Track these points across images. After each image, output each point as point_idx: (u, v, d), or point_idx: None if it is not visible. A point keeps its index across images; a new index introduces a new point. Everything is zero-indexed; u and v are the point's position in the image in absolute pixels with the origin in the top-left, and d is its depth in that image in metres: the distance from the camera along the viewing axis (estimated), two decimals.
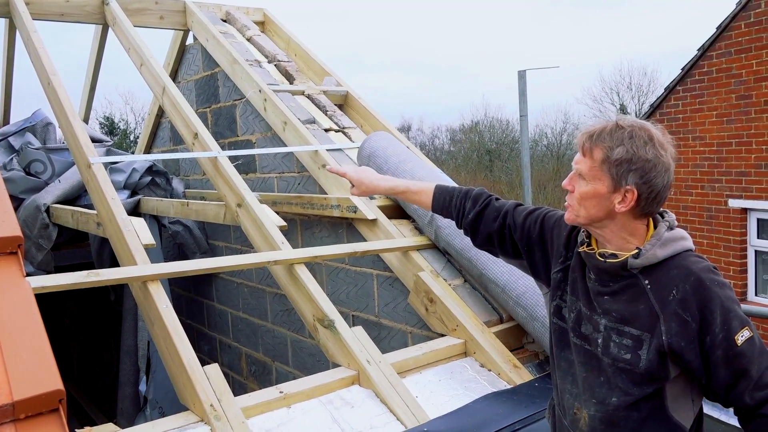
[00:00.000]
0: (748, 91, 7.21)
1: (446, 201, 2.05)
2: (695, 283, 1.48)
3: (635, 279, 1.54)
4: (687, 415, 1.57)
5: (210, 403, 1.94)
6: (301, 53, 4.54)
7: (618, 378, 1.55)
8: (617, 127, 1.51)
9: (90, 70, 5.20)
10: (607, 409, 1.58)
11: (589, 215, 1.55)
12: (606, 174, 1.50)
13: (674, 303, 1.48)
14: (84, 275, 2.15)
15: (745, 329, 1.45)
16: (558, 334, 1.72)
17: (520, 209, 1.90)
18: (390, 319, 3.11)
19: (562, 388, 1.71)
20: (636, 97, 27.04)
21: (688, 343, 1.46)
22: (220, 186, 3.29)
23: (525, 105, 8.93)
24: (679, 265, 1.51)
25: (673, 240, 1.54)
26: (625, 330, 1.54)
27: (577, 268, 1.67)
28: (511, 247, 1.90)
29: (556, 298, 1.73)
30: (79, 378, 7.58)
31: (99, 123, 27.02)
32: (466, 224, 1.99)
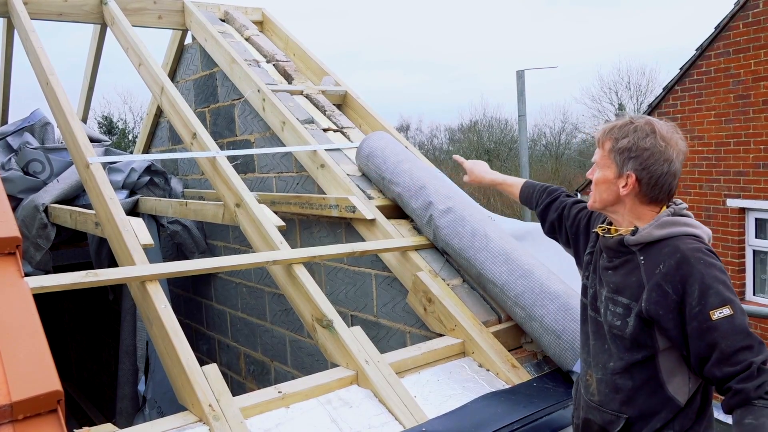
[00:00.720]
0: (747, 90, 7.22)
1: (530, 193, 2.38)
2: (680, 260, 1.62)
3: (633, 255, 1.72)
4: (682, 390, 1.69)
5: (208, 403, 1.94)
6: (299, 53, 4.54)
7: (613, 344, 1.75)
8: (627, 123, 1.73)
9: (88, 69, 5.19)
10: (606, 373, 1.77)
11: (602, 199, 1.78)
12: (612, 162, 1.73)
13: (659, 275, 1.63)
14: (82, 275, 2.15)
15: (724, 307, 1.56)
16: (582, 311, 1.94)
17: (578, 204, 2.16)
18: (388, 319, 3.11)
19: (582, 358, 1.92)
20: (635, 97, 27.10)
21: (666, 312, 1.61)
22: (218, 186, 3.29)
23: (523, 105, 8.94)
24: (672, 244, 1.66)
25: (672, 224, 1.69)
26: (618, 299, 1.73)
27: (598, 250, 1.87)
28: (565, 235, 2.14)
29: (584, 278, 1.94)
30: (77, 378, 7.58)
31: (97, 122, 27.00)
32: (539, 212, 2.29)
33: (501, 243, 2.72)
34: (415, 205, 3.00)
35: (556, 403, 2.28)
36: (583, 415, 1.87)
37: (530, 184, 2.42)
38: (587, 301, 1.89)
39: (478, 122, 31.34)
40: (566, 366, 2.41)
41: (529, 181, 2.45)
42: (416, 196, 3.01)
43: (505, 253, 2.67)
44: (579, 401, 1.92)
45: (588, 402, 1.84)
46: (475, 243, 2.73)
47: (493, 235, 2.76)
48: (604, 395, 1.77)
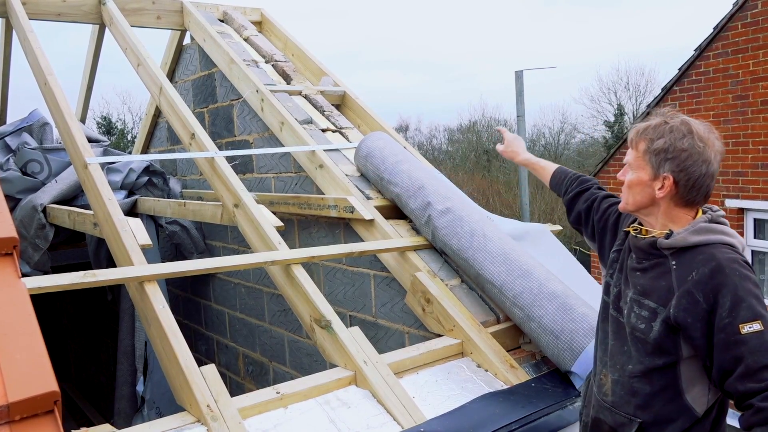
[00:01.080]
0: (745, 91, 7.22)
1: (561, 179, 2.36)
2: (715, 268, 1.57)
3: (665, 259, 1.68)
4: (700, 401, 1.66)
5: (207, 403, 1.94)
6: (298, 53, 4.54)
7: (633, 346, 1.71)
8: (662, 123, 1.68)
9: (87, 70, 5.19)
10: (623, 375, 1.73)
11: (636, 202, 1.73)
12: (648, 163, 1.68)
13: (690, 282, 1.59)
14: (80, 276, 2.14)
15: (755, 322, 1.51)
16: (602, 309, 1.90)
17: (608, 198, 2.12)
18: (387, 320, 3.11)
19: (596, 357, 1.89)
20: (633, 97, 27.10)
21: (694, 320, 1.56)
22: (217, 186, 3.28)
23: (522, 105, 8.95)
24: (707, 252, 1.62)
25: (709, 230, 1.65)
26: (644, 302, 1.68)
27: (627, 249, 1.84)
28: (591, 228, 2.10)
29: (607, 275, 1.90)
30: (76, 378, 7.57)
31: (96, 123, 26.98)
32: (567, 200, 2.26)
33: (499, 243, 2.72)
34: (414, 206, 3.00)
35: (554, 403, 2.28)
36: (593, 413, 1.84)
37: (562, 171, 2.40)
38: (609, 299, 1.85)
39: (477, 122, 31.36)
40: (564, 366, 2.41)
41: (562, 168, 2.43)
42: (415, 196, 3.01)
43: (504, 254, 2.67)
44: (589, 399, 1.89)
45: (600, 401, 1.81)
46: (474, 243, 2.72)
47: (492, 236, 2.76)
48: (619, 397, 1.74)
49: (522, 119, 9.00)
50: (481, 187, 24.58)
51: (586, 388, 1.97)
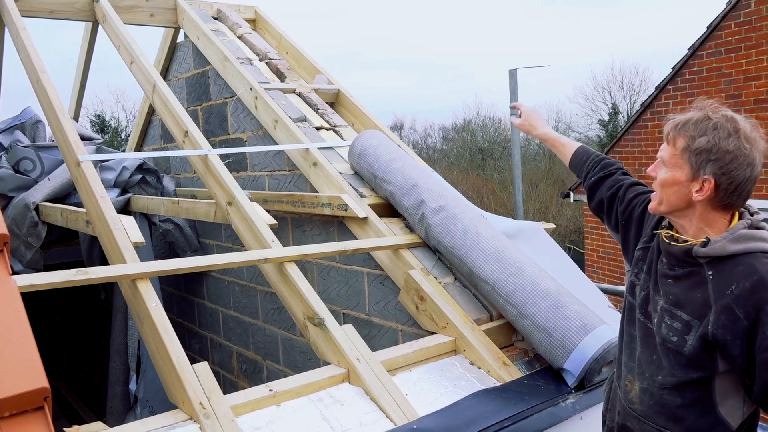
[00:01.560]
0: (738, 90, 7.26)
1: (582, 160, 2.19)
2: (757, 283, 1.47)
3: (700, 268, 1.56)
4: (735, 414, 1.58)
5: (199, 401, 1.94)
6: (292, 51, 4.53)
7: (666, 358, 1.61)
8: (704, 118, 1.54)
9: (80, 67, 5.17)
10: (654, 386, 1.64)
11: (669, 202, 1.60)
12: (686, 162, 1.54)
13: (730, 297, 1.48)
14: (72, 273, 2.14)
15: None
16: (628, 310, 1.79)
17: (635, 187, 1.97)
18: (380, 317, 3.11)
19: (622, 361, 1.79)
20: (628, 96, 27.18)
21: (734, 338, 1.47)
22: (210, 184, 3.28)
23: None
24: (747, 263, 1.50)
25: (748, 238, 1.53)
26: (677, 314, 1.58)
27: (655, 249, 1.72)
28: (615, 218, 1.97)
29: (632, 275, 1.80)
30: (69, 376, 7.55)
31: (90, 121, 26.90)
32: (588, 185, 2.10)
33: (493, 241, 2.73)
34: (407, 204, 3.00)
35: (546, 400, 2.28)
36: (620, 420, 1.76)
37: (584, 151, 2.23)
38: (635, 301, 1.75)
39: (471, 121, 31.38)
40: (557, 364, 2.42)
41: (584, 147, 2.25)
42: (408, 194, 3.01)
43: (497, 251, 2.67)
44: (614, 403, 1.81)
45: (627, 409, 1.73)
46: (467, 241, 2.73)
47: (485, 234, 2.76)
48: (648, 407, 1.66)
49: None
50: (476, 185, 24.62)
51: (609, 389, 1.89)
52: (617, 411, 1.78)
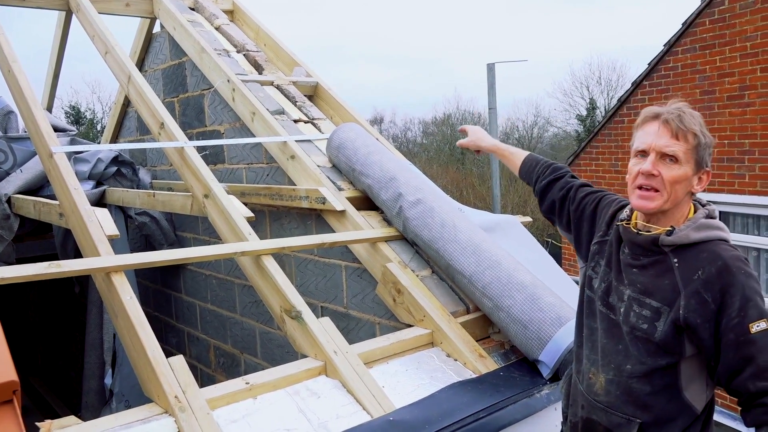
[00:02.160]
0: (712, 86, 7.37)
1: (531, 166, 2.26)
2: (722, 268, 1.54)
3: (665, 256, 1.62)
4: (699, 398, 1.64)
5: (174, 394, 1.93)
6: (270, 43, 4.50)
7: (634, 346, 1.64)
8: (688, 112, 1.61)
9: (53, 57, 5.08)
10: (621, 375, 1.67)
11: (677, 198, 1.61)
12: (693, 157, 1.59)
13: (698, 282, 1.55)
14: (45, 266, 2.11)
15: (762, 321, 1.50)
16: (586, 304, 1.82)
17: (584, 187, 2.05)
18: (358, 310, 3.11)
19: (582, 355, 1.81)
20: (605, 92, 27.44)
21: (703, 321, 1.53)
22: (186, 176, 3.25)
23: (494, 98, 9.00)
24: (710, 249, 1.58)
25: (708, 227, 1.62)
26: (646, 301, 1.62)
27: (614, 242, 1.76)
28: (567, 218, 2.04)
29: (589, 269, 1.84)
30: (43, 372, 7.44)
31: (64, 112, 26.44)
32: (539, 188, 2.17)
33: (470, 234, 2.75)
34: (385, 197, 3.01)
35: (522, 391, 2.31)
36: (584, 414, 1.77)
37: (533, 158, 2.29)
38: (595, 294, 1.78)
39: (451, 115, 31.46)
40: (532, 355, 2.45)
41: (533, 155, 2.32)
42: (386, 187, 3.01)
43: (474, 245, 2.69)
44: (575, 398, 1.83)
45: (592, 402, 1.74)
46: (444, 234, 2.74)
47: (462, 227, 2.78)
48: (615, 397, 1.68)
49: (493, 112, 9.06)
50: (455, 179, 24.69)
51: (568, 385, 1.90)
52: (580, 405, 1.79)
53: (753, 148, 6.95)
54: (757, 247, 7.19)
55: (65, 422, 1.81)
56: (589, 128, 25.66)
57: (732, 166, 7.19)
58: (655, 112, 1.63)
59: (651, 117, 1.63)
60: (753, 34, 6.85)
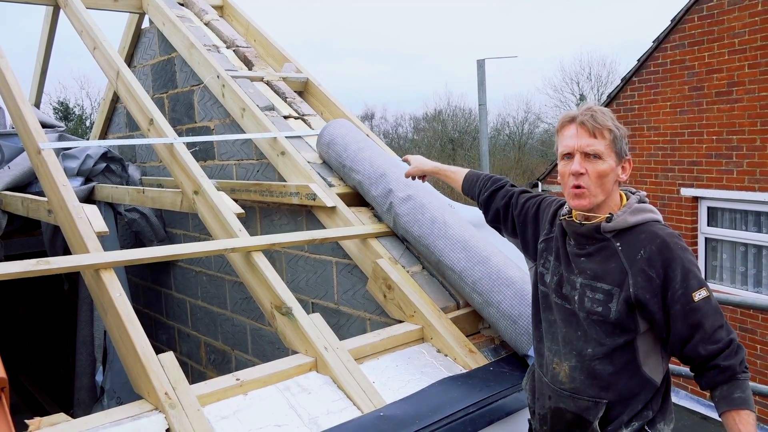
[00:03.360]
0: (701, 82, 7.41)
1: (473, 181, 2.36)
2: (661, 245, 1.67)
3: (608, 242, 1.74)
4: (657, 371, 1.74)
5: (165, 391, 1.93)
6: (260, 39, 4.49)
7: (592, 330, 1.74)
8: (599, 111, 1.74)
9: (41, 53, 5.04)
10: (584, 360, 1.76)
11: (606, 190, 1.73)
12: (613, 150, 1.71)
13: (641, 261, 1.67)
14: (33, 263, 2.10)
15: (702, 289, 1.64)
16: (541, 299, 1.92)
17: (524, 194, 2.17)
18: (349, 306, 3.12)
19: (544, 347, 1.89)
20: (595, 88, 27.54)
21: (652, 296, 1.65)
22: (176, 173, 3.24)
23: (483, 94, 9.01)
24: (648, 230, 1.71)
25: (642, 210, 1.75)
26: (598, 286, 1.73)
27: (559, 237, 1.87)
28: (512, 224, 2.14)
29: (539, 266, 1.94)
30: (34, 370, 7.40)
31: (53, 108, 26.20)
32: (482, 200, 2.28)
33: (460, 230, 2.75)
34: (376, 193, 3.01)
35: (511, 386, 2.33)
36: (551, 404, 1.83)
37: (474, 173, 2.41)
38: (548, 289, 1.87)
39: (442, 111, 31.46)
40: (522, 350, 2.46)
41: (472, 171, 2.44)
42: (376, 183, 3.01)
43: (464, 241, 2.70)
44: (541, 391, 1.89)
45: (558, 391, 1.81)
46: (435, 230, 2.75)
47: (452, 223, 2.79)
48: (579, 382, 1.75)
49: (483, 108, 9.08)
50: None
51: (532, 381, 1.97)
52: (547, 396, 1.86)
53: (741, 144, 7.00)
54: (745, 242, 7.25)
55: (55, 419, 1.81)
56: None
57: (720, 162, 7.25)
58: (570, 116, 1.76)
59: (567, 121, 1.76)
60: (741, 31, 6.90)
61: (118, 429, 1.80)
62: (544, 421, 1.88)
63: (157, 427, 1.84)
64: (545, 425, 1.87)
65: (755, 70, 6.79)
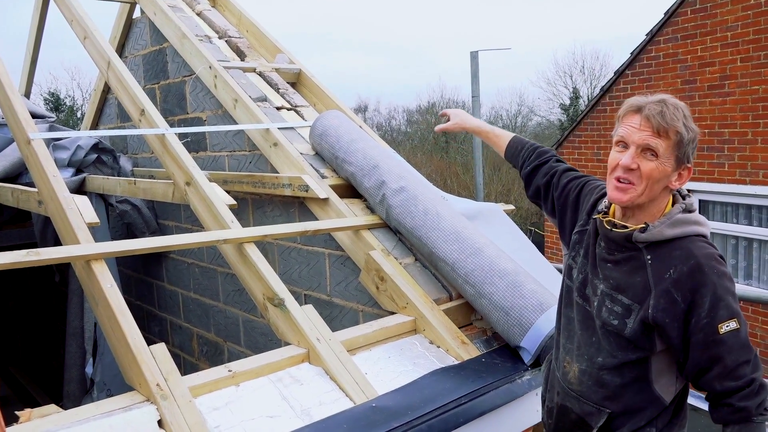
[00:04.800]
0: (693, 76, 7.43)
1: (517, 149, 2.23)
2: (693, 267, 1.52)
3: (639, 253, 1.61)
4: (668, 390, 1.66)
5: (156, 382, 1.92)
6: (252, 29, 4.46)
7: (605, 340, 1.66)
8: (674, 106, 1.56)
9: (30, 42, 4.99)
10: (593, 367, 1.69)
11: (653, 193, 1.57)
12: (674, 153, 1.54)
13: (668, 281, 1.54)
14: (23, 254, 2.08)
15: (732, 321, 1.50)
16: (565, 293, 1.83)
17: (568, 172, 2.02)
18: (342, 298, 3.12)
19: (559, 343, 1.83)
20: (588, 81, 27.54)
21: (672, 320, 1.53)
22: (168, 164, 3.22)
23: (477, 86, 9.00)
24: (684, 246, 1.55)
25: (684, 222, 1.58)
26: (618, 298, 1.62)
27: (592, 234, 1.75)
28: (551, 203, 2.03)
29: (569, 258, 1.84)
30: (24, 361, 7.37)
31: (43, 99, 26.00)
32: (525, 174, 2.16)
33: (452, 222, 2.75)
34: (368, 185, 3.00)
35: (503, 377, 2.33)
36: (559, 400, 1.81)
37: (519, 140, 2.26)
38: (573, 285, 1.79)
39: (436, 104, 31.40)
40: (514, 342, 2.47)
41: (518, 137, 2.28)
42: (369, 175, 3.01)
43: (456, 232, 2.70)
44: (553, 384, 1.86)
45: (566, 389, 1.78)
46: (427, 222, 2.75)
47: (445, 214, 2.78)
48: (587, 387, 1.72)
49: (477, 100, 9.07)
50: (440, 168, 24.72)
51: (547, 371, 1.93)
52: (556, 391, 1.83)
53: (732, 137, 7.04)
54: (736, 235, 7.30)
55: (45, 411, 1.80)
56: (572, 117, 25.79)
57: (712, 155, 7.28)
58: (638, 104, 1.58)
59: (634, 110, 1.59)
60: (734, 24, 6.91)
61: (109, 420, 1.79)
62: (550, 415, 1.86)
63: (148, 418, 1.84)
64: (551, 419, 1.86)
65: (747, 63, 6.82)
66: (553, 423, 1.84)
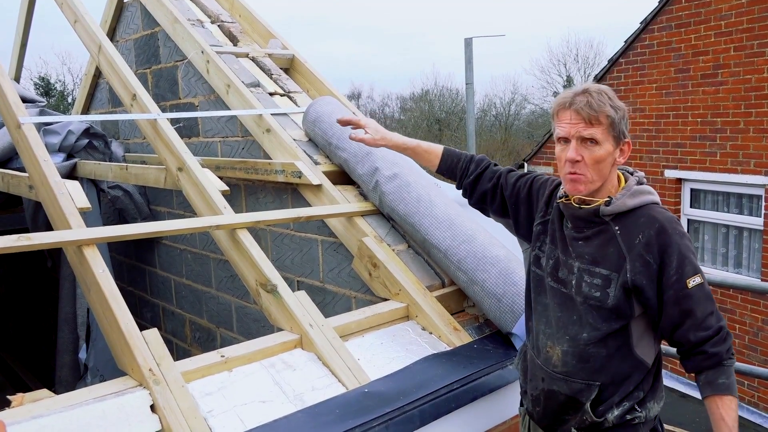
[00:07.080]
0: (686, 64, 7.43)
1: (453, 162, 2.24)
2: (659, 230, 1.67)
3: (607, 225, 1.73)
4: (649, 354, 1.76)
5: (149, 367, 1.92)
6: (245, 14, 4.42)
7: (589, 315, 1.74)
8: (597, 92, 1.68)
9: (20, 26, 4.93)
10: (578, 345, 1.76)
11: (603, 176, 1.71)
12: (610, 134, 1.68)
13: (639, 246, 1.67)
14: (14, 239, 2.07)
15: (696, 276, 1.66)
16: (535, 282, 1.91)
17: (512, 173, 2.13)
18: (334, 285, 3.12)
19: (537, 330, 1.89)
20: (582, 69, 27.56)
21: (649, 281, 1.66)
22: (160, 149, 3.20)
23: (471, 73, 8.98)
24: (646, 214, 1.70)
25: (641, 192, 1.74)
26: (596, 270, 1.73)
27: (556, 220, 1.86)
28: (501, 205, 2.11)
29: (535, 249, 1.92)
30: (16, 347, 7.36)
31: (33, 84, 25.75)
32: (467, 183, 2.20)
33: (445, 209, 2.76)
34: (362, 171, 3.00)
35: (495, 363, 2.35)
36: (544, 386, 1.84)
37: (452, 153, 2.25)
38: (543, 272, 1.86)
39: (429, 91, 31.34)
40: (506, 328, 2.48)
41: (449, 149, 2.27)
42: (363, 161, 3.00)
43: (449, 219, 2.70)
44: (534, 372, 1.89)
45: (551, 374, 1.82)
46: (420, 209, 2.75)
47: (438, 201, 2.79)
48: (572, 366, 1.76)
49: (470, 87, 9.05)
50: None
51: (524, 362, 1.97)
52: (540, 378, 1.86)
53: (725, 126, 7.06)
54: (726, 224, 7.34)
55: (38, 395, 1.80)
56: None
57: (704, 144, 7.30)
58: (566, 101, 1.70)
59: (564, 107, 1.70)
60: (727, 13, 6.91)
61: (101, 405, 1.80)
62: (537, 402, 1.88)
63: (141, 402, 1.84)
64: (538, 406, 1.88)
65: (740, 52, 6.82)
66: (541, 410, 1.86)
